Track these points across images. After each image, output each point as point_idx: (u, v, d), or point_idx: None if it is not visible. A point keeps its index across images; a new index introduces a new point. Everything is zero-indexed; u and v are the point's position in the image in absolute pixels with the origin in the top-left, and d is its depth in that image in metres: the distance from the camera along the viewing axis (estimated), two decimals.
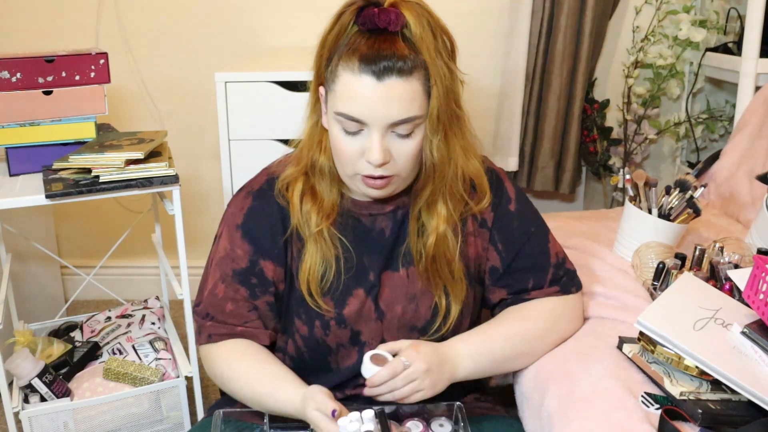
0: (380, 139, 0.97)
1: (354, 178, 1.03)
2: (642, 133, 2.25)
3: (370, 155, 0.97)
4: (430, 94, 0.98)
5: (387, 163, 0.99)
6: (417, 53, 0.96)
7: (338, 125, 1.00)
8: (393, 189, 1.05)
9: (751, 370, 0.93)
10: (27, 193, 1.44)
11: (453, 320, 1.10)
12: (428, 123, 0.99)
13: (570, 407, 1.00)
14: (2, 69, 1.54)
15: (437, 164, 1.02)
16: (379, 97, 0.95)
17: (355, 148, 0.99)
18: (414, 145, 1.00)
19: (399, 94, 0.95)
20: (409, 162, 1.01)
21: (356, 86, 0.96)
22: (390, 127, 0.97)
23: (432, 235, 1.07)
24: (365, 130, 0.98)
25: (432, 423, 1.07)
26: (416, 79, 0.96)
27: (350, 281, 1.10)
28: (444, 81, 0.98)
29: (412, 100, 0.96)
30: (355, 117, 0.97)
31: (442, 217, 1.07)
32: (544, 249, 1.15)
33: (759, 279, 1.00)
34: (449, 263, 1.09)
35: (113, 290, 2.13)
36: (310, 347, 1.12)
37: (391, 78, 0.94)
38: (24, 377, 1.48)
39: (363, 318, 1.10)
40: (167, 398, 1.59)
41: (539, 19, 2.16)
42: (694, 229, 1.57)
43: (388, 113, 0.96)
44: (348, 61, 0.96)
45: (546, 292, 1.14)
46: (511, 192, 1.15)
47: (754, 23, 1.88)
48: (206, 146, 2.35)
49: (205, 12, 2.27)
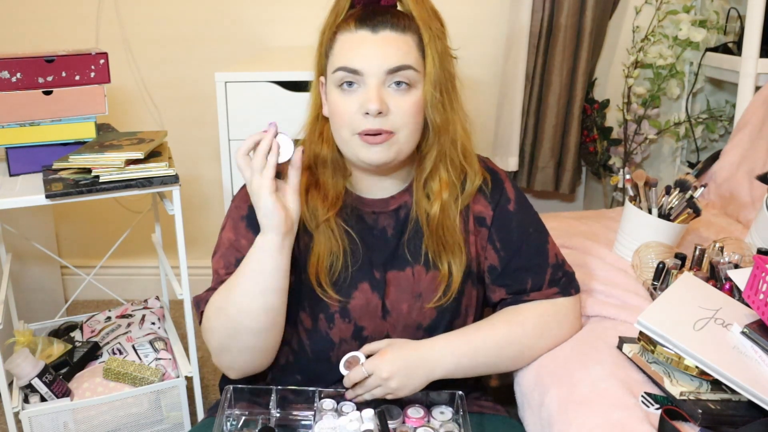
0: (377, 88, 1.00)
1: (352, 142, 1.03)
2: (642, 133, 2.25)
3: (368, 103, 0.99)
4: (425, 57, 1.03)
5: (385, 116, 1.00)
6: (410, 19, 1.03)
7: (337, 87, 1.03)
8: (393, 153, 1.04)
9: (751, 370, 0.93)
10: (27, 193, 1.44)
11: (454, 290, 1.11)
12: (427, 82, 1.03)
13: (570, 407, 1.00)
14: (2, 69, 1.54)
15: (440, 126, 1.05)
16: (374, 45, 1.00)
17: (353, 105, 1.01)
18: (412, 101, 1.02)
19: (394, 43, 1.01)
20: (407, 118, 1.02)
21: (353, 40, 1.02)
22: (387, 76, 1.00)
23: (437, 202, 1.08)
24: (362, 85, 1.01)
25: (433, 410, 1.09)
26: (410, 36, 1.02)
27: (356, 274, 1.10)
28: (437, 45, 1.03)
29: (407, 51, 1.01)
30: (352, 67, 1.00)
31: (444, 183, 1.09)
32: (543, 250, 1.15)
33: (759, 279, 1.00)
34: (452, 232, 1.10)
35: (113, 290, 2.13)
36: (314, 341, 1.12)
37: (386, 30, 1.01)
38: (24, 377, 1.48)
39: (368, 314, 1.11)
40: (167, 398, 1.60)
41: (539, 19, 2.16)
42: (694, 229, 1.57)
43: (383, 60, 1.00)
44: (344, 26, 1.03)
45: (545, 293, 1.14)
46: (510, 193, 1.16)
47: (754, 23, 1.88)
48: (206, 146, 2.36)
49: (205, 12, 2.27)
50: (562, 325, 1.15)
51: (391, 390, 1.05)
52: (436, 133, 1.06)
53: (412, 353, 1.07)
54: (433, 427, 1.06)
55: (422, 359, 1.07)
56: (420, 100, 1.03)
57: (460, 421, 1.06)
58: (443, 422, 1.06)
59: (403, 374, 1.05)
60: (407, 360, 1.06)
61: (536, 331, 1.13)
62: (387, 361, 1.05)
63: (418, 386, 1.06)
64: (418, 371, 1.06)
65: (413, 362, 1.06)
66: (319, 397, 1.08)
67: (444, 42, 1.06)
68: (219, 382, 1.26)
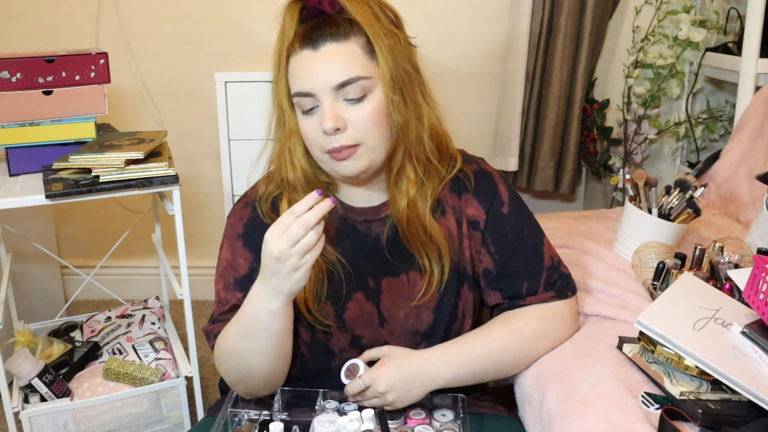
0: (330, 105, 0.99)
1: (325, 160, 1.03)
2: (642, 133, 2.25)
3: (323, 122, 0.98)
4: (376, 57, 1.00)
5: (343, 131, 0.99)
6: (352, 23, 1.00)
7: (298, 110, 1.03)
8: (365, 163, 1.02)
9: (751, 370, 0.93)
10: (27, 193, 1.44)
11: (437, 282, 1.09)
12: (383, 83, 1.01)
13: (570, 407, 1.00)
14: (2, 69, 1.54)
15: (402, 126, 1.03)
16: (317, 62, 0.99)
17: (315, 126, 1.01)
18: (369, 109, 1.00)
19: (337, 57, 0.98)
20: (368, 127, 1.00)
21: (299, 63, 1.00)
22: (336, 92, 0.99)
23: (403, 199, 1.07)
24: (318, 105, 1.00)
25: (435, 413, 1.09)
26: (353, 42, 1.00)
27: (349, 287, 1.10)
28: (386, 40, 1.01)
29: (351, 62, 0.99)
30: (303, 91, 1.00)
31: (411, 180, 1.07)
32: (538, 252, 1.14)
33: (759, 279, 1.00)
34: (423, 227, 1.08)
35: (113, 290, 2.13)
36: (314, 353, 1.12)
37: (326, 44, 0.99)
38: (24, 377, 1.48)
39: (364, 323, 1.10)
40: (167, 398, 1.59)
41: (539, 19, 2.16)
42: (694, 229, 1.57)
43: (329, 76, 0.98)
44: (292, 49, 1.02)
45: (541, 297, 1.13)
46: (504, 195, 1.14)
47: (754, 23, 1.88)
48: (206, 146, 2.36)
49: (205, 12, 2.27)
50: (559, 330, 1.15)
51: (388, 402, 1.05)
52: (399, 133, 1.04)
53: (410, 366, 1.06)
54: (433, 427, 1.06)
55: (419, 371, 1.06)
56: (379, 104, 1.01)
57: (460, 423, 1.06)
58: (443, 423, 1.06)
59: (400, 387, 1.04)
60: (404, 374, 1.05)
61: (534, 338, 1.12)
62: (384, 374, 1.04)
63: (415, 398, 1.06)
64: (415, 383, 1.05)
65: (410, 375, 1.05)
66: (323, 398, 1.09)
67: (397, 35, 1.03)
68: (219, 383, 1.26)
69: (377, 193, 1.12)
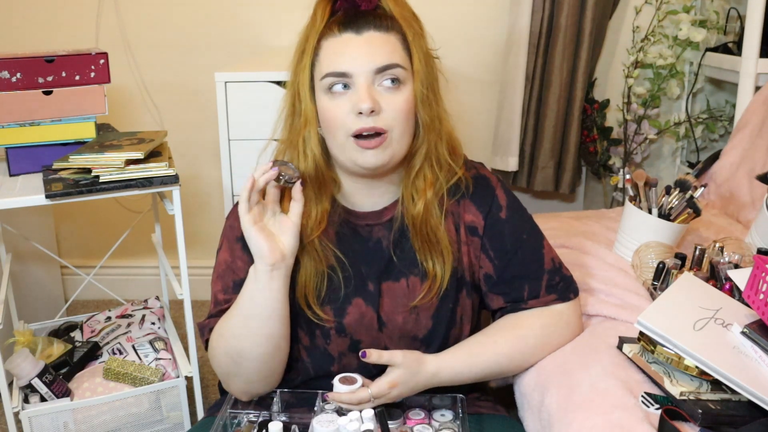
0: (367, 87, 1.00)
1: (347, 146, 1.02)
2: (642, 133, 2.25)
3: (360, 102, 0.99)
4: (411, 55, 1.03)
5: (377, 114, 1.00)
6: (392, 19, 1.04)
7: (326, 93, 1.02)
8: (388, 155, 1.03)
9: (751, 370, 0.93)
10: (27, 193, 1.44)
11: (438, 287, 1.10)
12: (416, 80, 1.03)
13: (570, 407, 1.00)
14: (2, 69, 1.54)
15: (429, 123, 1.05)
16: (360, 45, 1.00)
17: (344, 109, 1.01)
18: (402, 99, 1.02)
19: (379, 43, 1.01)
20: (399, 116, 1.01)
21: (339, 44, 1.01)
22: (375, 75, 1.00)
23: (420, 200, 1.08)
24: (352, 87, 1.01)
25: (434, 413, 1.10)
26: (394, 36, 1.03)
27: (348, 290, 1.10)
28: (421, 44, 1.05)
29: (392, 50, 1.01)
30: (340, 71, 1.00)
31: (428, 181, 1.08)
32: (538, 255, 1.14)
33: (759, 279, 1.00)
34: (435, 231, 1.09)
35: (113, 290, 2.13)
36: (314, 357, 1.12)
37: (370, 30, 1.01)
38: (24, 377, 1.48)
39: (363, 327, 1.10)
40: (167, 398, 1.60)
41: (539, 19, 2.16)
42: (694, 229, 1.57)
43: (370, 59, 1.00)
44: (328, 32, 1.03)
45: (543, 300, 1.13)
46: (502, 200, 1.14)
47: (754, 23, 1.88)
48: (206, 146, 2.36)
49: (205, 12, 2.27)
50: (563, 333, 1.15)
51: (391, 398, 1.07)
52: (426, 131, 1.06)
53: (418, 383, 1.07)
54: (432, 427, 1.06)
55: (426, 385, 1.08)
56: (410, 98, 1.03)
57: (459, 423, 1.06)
58: (443, 423, 1.07)
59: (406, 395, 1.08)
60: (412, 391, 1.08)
61: (538, 346, 1.13)
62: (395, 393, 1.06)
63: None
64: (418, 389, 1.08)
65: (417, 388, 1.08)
66: (322, 399, 1.08)
67: (426, 42, 1.07)
68: (219, 383, 1.26)
69: (380, 197, 1.12)
